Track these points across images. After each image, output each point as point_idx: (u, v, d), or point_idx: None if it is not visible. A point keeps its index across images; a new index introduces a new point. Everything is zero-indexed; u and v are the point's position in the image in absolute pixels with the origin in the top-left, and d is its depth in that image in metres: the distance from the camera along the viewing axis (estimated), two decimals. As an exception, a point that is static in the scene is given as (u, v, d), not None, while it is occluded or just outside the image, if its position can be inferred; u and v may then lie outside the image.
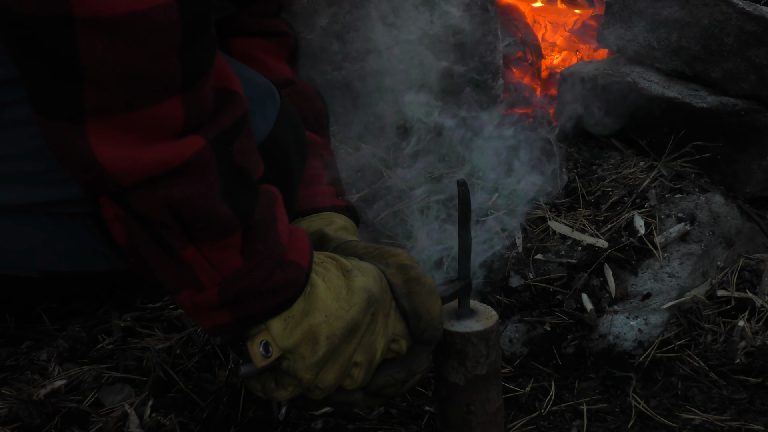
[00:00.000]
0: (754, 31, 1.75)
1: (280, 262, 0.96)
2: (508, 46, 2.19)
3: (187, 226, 0.88)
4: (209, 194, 0.87)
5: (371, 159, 1.84)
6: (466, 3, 1.95)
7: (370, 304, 1.03)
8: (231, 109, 0.89)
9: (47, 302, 1.55)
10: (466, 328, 1.13)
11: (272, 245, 0.95)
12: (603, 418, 1.34)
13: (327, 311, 1.00)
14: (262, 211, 0.94)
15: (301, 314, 0.99)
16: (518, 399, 1.37)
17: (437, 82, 1.96)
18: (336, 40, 1.90)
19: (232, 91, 0.91)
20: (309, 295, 1.00)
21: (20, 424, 1.26)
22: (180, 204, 0.86)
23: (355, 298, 1.01)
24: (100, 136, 0.81)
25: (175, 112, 0.83)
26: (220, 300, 0.94)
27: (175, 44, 0.80)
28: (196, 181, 0.86)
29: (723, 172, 1.81)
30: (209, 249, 0.90)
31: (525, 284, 1.54)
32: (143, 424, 1.28)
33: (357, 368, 1.04)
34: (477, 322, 1.14)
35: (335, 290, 1.02)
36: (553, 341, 1.47)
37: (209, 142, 0.86)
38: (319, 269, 1.03)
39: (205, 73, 0.85)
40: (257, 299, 0.96)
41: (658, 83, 1.87)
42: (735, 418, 1.32)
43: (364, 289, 1.03)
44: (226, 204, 0.88)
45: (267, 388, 1.02)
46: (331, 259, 1.06)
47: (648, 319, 1.47)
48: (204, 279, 0.92)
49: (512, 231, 1.64)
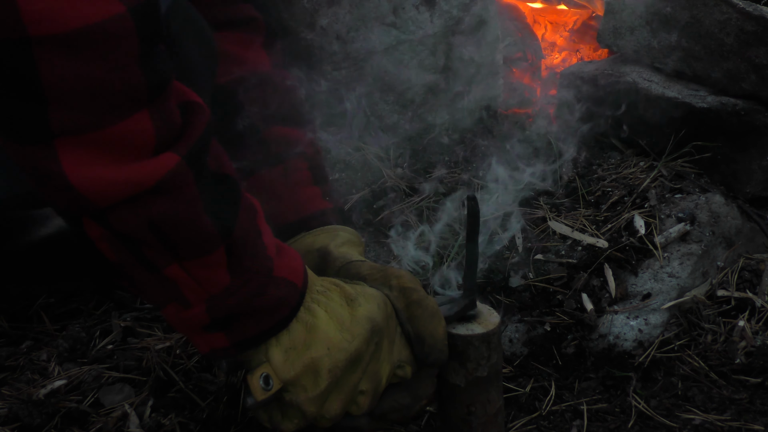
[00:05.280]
0: (754, 31, 1.75)
1: (271, 278, 0.95)
2: (508, 46, 2.19)
3: (169, 244, 0.87)
4: (190, 210, 0.86)
5: (371, 159, 1.83)
6: (466, 3, 1.95)
7: (373, 333, 1.02)
8: (196, 120, 0.88)
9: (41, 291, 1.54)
10: (467, 331, 1.13)
11: (261, 260, 0.93)
12: (603, 418, 1.34)
13: (329, 343, 0.98)
14: (244, 224, 0.92)
15: (303, 346, 0.98)
16: (518, 399, 1.37)
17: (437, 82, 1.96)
18: (336, 40, 1.90)
19: (192, 102, 0.90)
20: (311, 327, 0.99)
21: (20, 424, 1.26)
22: (160, 222, 0.85)
23: (359, 329, 1.00)
24: (71, 158, 0.80)
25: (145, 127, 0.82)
26: (210, 318, 0.92)
27: (133, 54, 0.79)
28: (174, 199, 0.85)
29: (723, 172, 1.81)
30: (194, 267, 0.89)
31: (525, 284, 1.54)
32: (143, 424, 1.28)
33: (363, 396, 1.03)
34: (479, 325, 1.13)
35: (338, 320, 1.00)
36: (553, 341, 1.47)
37: (183, 158, 0.84)
38: (322, 299, 1.01)
39: (167, 85, 0.84)
40: (250, 319, 0.94)
41: (658, 83, 1.87)
42: (735, 418, 1.32)
43: (368, 319, 1.01)
44: (208, 218, 0.87)
45: (274, 420, 1.01)
46: (335, 286, 1.04)
47: (648, 319, 1.47)
48: (190, 296, 0.91)
49: (512, 231, 1.64)
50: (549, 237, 1.63)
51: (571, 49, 2.30)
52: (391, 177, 1.79)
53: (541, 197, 1.73)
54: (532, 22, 2.36)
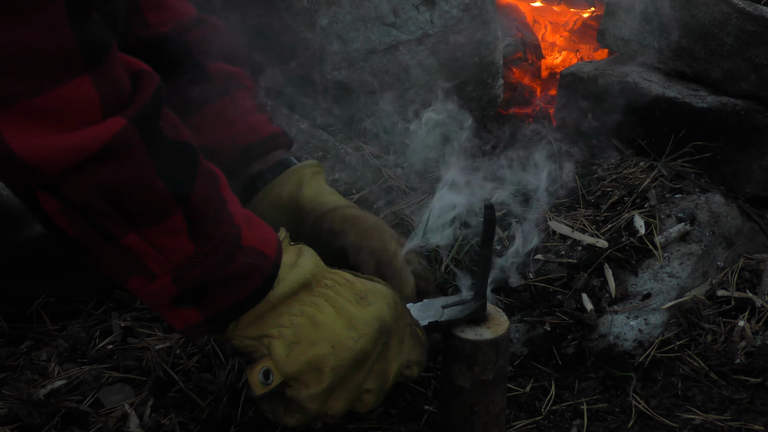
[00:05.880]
0: (754, 31, 1.75)
1: (240, 246, 0.93)
2: (508, 46, 2.19)
3: (124, 210, 0.85)
4: (141, 174, 0.84)
5: (371, 159, 1.83)
6: (466, 3, 1.95)
7: (381, 333, 1.01)
8: (145, 85, 0.87)
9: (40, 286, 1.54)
10: (476, 336, 1.12)
11: (227, 227, 0.92)
12: (603, 418, 1.34)
13: (335, 341, 0.98)
14: (203, 190, 0.90)
15: (307, 342, 0.97)
16: (518, 399, 1.37)
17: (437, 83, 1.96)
18: (336, 40, 1.90)
19: (140, 70, 0.89)
20: (317, 323, 0.98)
21: (20, 424, 1.26)
22: (111, 188, 0.83)
23: (366, 328, 1.00)
24: (13, 127, 0.79)
25: (88, 93, 0.81)
26: (177, 290, 0.91)
27: (62, 14, 0.78)
28: (123, 163, 0.83)
29: (723, 172, 1.81)
30: (153, 235, 0.88)
31: (525, 284, 1.54)
32: (143, 424, 1.28)
33: (368, 394, 1.03)
34: (488, 329, 1.13)
35: (346, 318, 0.99)
36: (553, 341, 1.47)
37: (130, 121, 0.83)
38: (331, 294, 1.01)
39: (108, 51, 0.83)
40: (222, 290, 0.92)
41: (658, 83, 1.87)
42: (735, 418, 1.32)
43: (377, 318, 1.01)
44: (161, 182, 0.86)
45: (276, 412, 1.01)
46: (347, 281, 1.03)
47: (648, 319, 1.47)
48: (153, 267, 0.90)
49: (512, 231, 1.64)
50: (549, 237, 1.63)
51: (571, 49, 2.31)
52: (391, 177, 1.79)
53: (541, 197, 1.73)
54: (532, 22, 2.36)
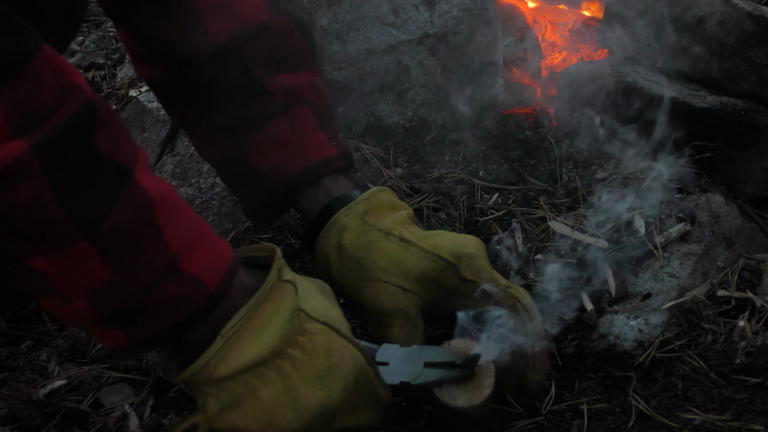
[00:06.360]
0: (754, 31, 1.75)
1: (170, 274, 0.88)
2: (508, 46, 2.19)
3: (23, 235, 0.82)
4: (38, 202, 0.80)
5: (371, 159, 1.83)
6: (466, 3, 1.95)
7: (323, 417, 0.98)
8: (68, 103, 0.82)
9: None
10: (449, 398, 1.06)
11: (153, 254, 0.87)
12: (603, 418, 1.34)
13: (266, 421, 0.94)
14: (121, 216, 0.85)
15: (240, 412, 0.94)
16: (518, 399, 1.37)
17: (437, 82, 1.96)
18: (336, 40, 1.90)
19: (71, 84, 0.84)
20: (256, 398, 0.94)
21: (20, 424, 1.26)
22: (6, 213, 0.80)
23: (307, 413, 0.96)
24: None
25: None
26: (96, 313, 0.87)
27: None
28: (18, 190, 0.79)
29: (723, 172, 1.81)
30: (62, 261, 0.84)
31: (525, 284, 1.54)
32: (143, 424, 1.28)
33: None
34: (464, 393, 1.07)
35: (291, 398, 0.95)
36: (552, 341, 1.47)
37: (31, 146, 0.78)
38: (287, 368, 0.96)
39: (26, 63, 0.78)
40: (147, 317, 0.89)
41: (658, 83, 1.87)
42: (735, 418, 1.32)
43: (321, 406, 0.97)
44: (62, 211, 0.81)
45: None
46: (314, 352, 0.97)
47: (648, 319, 1.47)
48: (65, 291, 0.86)
49: (512, 231, 1.64)
50: (549, 237, 1.63)
51: (571, 49, 2.30)
52: (391, 177, 1.79)
53: (541, 197, 1.73)
54: (532, 22, 2.36)
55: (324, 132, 1.29)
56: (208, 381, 0.94)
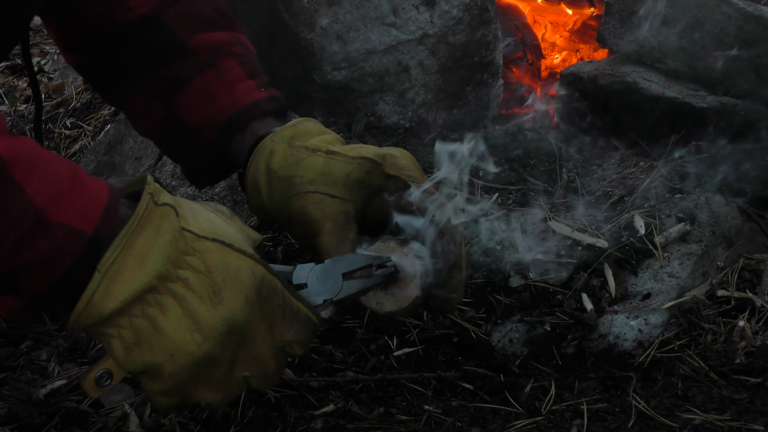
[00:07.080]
0: (754, 31, 1.75)
1: (39, 228, 0.86)
2: (508, 46, 2.19)
3: None
4: None
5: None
6: (466, 3, 1.95)
7: (231, 334, 0.95)
8: None
9: None
10: (376, 305, 1.05)
11: (16, 212, 0.84)
12: (603, 418, 1.34)
13: (173, 347, 0.92)
14: None
15: (146, 346, 0.92)
16: (518, 399, 1.37)
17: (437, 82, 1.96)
18: (336, 40, 1.90)
19: None
20: (157, 327, 0.91)
21: (20, 424, 1.26)
22: None
23: (212, 332, 0.93)
24: None
25: None
26: None
27: None
28: None
29: (723, 172, 1.81)
30: None
31: (525, 284, 1.54)
32: (143, 424, 1.28)
33: (251, 377, 0.99)
34: (392, 298, 1.06)
35: (193, 319, 0.93)
36: (553, 341, 1.47)
37: None
38: (179, 290, 0.93)
39: None
40: (29, 276, 0.87)
41: (658, 83, 1.87)
42: (735, 418, 1.32)
43: (225, 321, 0.94)
44: None
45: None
46: (205, 270, 0.95)
47: (648, 319, 1.47)
48: None
49: (512, 231, 1.64)
50: (549, 237, 1.63)
51: (571, 49, 2.31)
52: (391, 177, 1.79)
53: (541, 197, 1.73)
54: (532, 22, 2.36)
55: (252, 80, 1.30)
56: (100, 320, 0.91)
